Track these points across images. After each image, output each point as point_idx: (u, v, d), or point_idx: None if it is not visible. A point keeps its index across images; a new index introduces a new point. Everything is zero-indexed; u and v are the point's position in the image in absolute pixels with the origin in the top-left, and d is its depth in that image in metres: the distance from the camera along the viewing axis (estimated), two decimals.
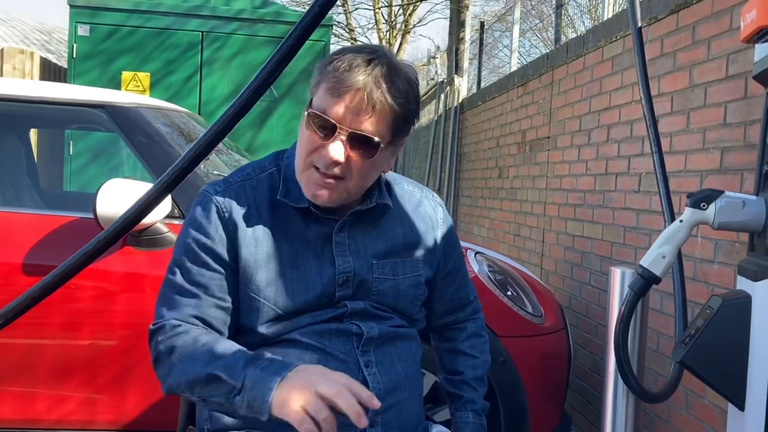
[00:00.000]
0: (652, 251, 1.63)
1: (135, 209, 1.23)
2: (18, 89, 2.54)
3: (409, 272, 1.34)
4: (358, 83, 1.16)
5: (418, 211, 1.40)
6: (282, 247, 1.25)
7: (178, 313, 1.20)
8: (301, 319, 1.24)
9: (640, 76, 1.94)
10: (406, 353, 1.32)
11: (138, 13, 5.74)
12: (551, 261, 3.94)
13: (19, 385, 2.24)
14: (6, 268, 2.24)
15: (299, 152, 1.24)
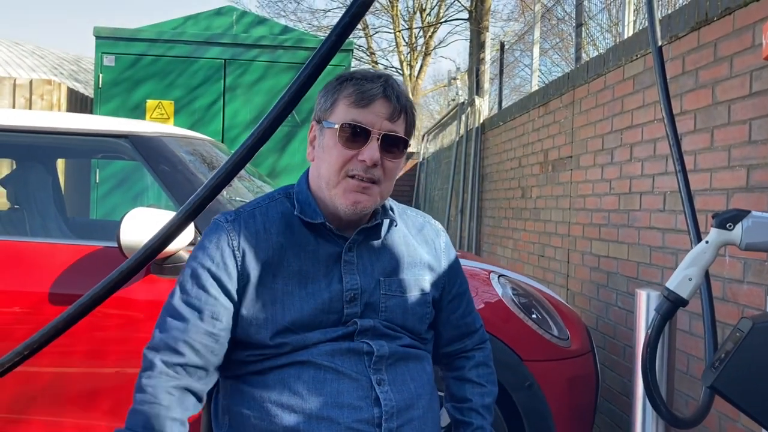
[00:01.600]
0: (678, 273, 1.60)
1: (158, 238, 1.24)
2: (44, 121, 2.59)
3: (416, 290, 1.38)
4: (382, 93, 1.29)
5: (421, 233, 1.46)
6: (292, 265, 1.29)
7: (166, 338, 1.25)
8: (311, 335, 1.27)
9: (662, 95, 1.92)
10: (418, 373, 1.34)
11: (161, 42, 5.85)
12: (577, 282, 3.89)
13: (45, 414, 2.25)
14: (34, 297, 2.26)
15: (328, 169, 1.30)
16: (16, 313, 2.27)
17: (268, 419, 1.24)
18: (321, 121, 1.33)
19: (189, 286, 1.28)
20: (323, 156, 1.31)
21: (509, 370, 2.37)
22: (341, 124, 1.27)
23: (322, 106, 1.33)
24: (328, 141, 1.30)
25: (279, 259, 1.29)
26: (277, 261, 1.29)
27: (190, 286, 1.28)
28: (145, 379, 1.23)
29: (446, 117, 9.23)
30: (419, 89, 22.27)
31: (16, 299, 2.28)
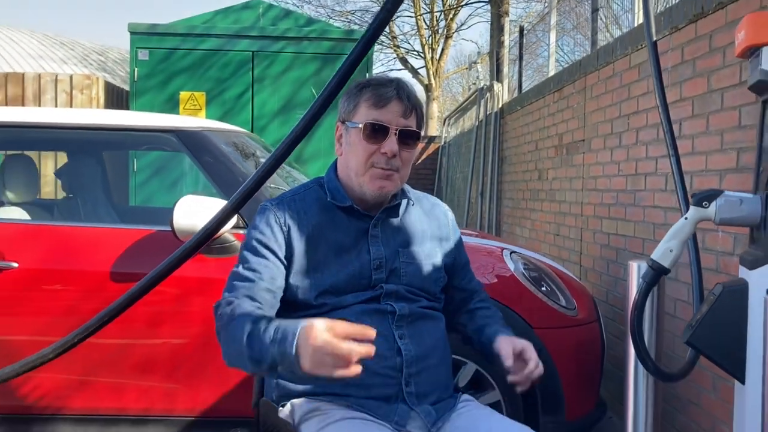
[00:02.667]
0: (661, 246, 1.84)
1: (213, 222, 1.51)
2: (100, 118, 2.88)
3: (430, 258, 1.66)
4: (395, 95, 1.56)
5: (432, 212, 1.74)
6: (329, 239, 1.57)
7: (234, 293, 1.50)
8: (346, 298, 1.54)
9: (657, 85, 2.15)
10: (433, 330, 1.62)
11: (192, 36, 6.13)
12: (589, 258, 4.12)
13: (111, 377, 2.56)
14: (98, 276, 2.56)
15: (355, 162, 1.58)
16: (82, 290, 2.57)
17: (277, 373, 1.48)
18: (345, 122, 1.60)
19: (248, 256, 1.54)
20: (350, 151, 1.58)
21: (520, 336, 2.61)
22: (364, 124, 1.54)
23: (345, 109, 1.61)
24: (353, 138, 1.57)
25: (317, 234, 1.57)
26: (316, 236, 1.57)
27: (249, 256, 1.54)
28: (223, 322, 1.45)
29: (466, 101, 9.42)
30: (441, 72, 22.36)
31: (81, 278, 2.58)
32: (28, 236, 2.66)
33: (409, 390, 1.53)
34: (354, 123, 1.57)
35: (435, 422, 1.53)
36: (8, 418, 2.59)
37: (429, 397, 1.56)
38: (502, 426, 1.52)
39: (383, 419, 1.49)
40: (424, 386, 1.55)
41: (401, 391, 1.53)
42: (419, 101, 1.61)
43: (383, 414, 1.50)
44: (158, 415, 2.58)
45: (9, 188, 3.02)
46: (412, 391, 1.53)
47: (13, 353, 2.48)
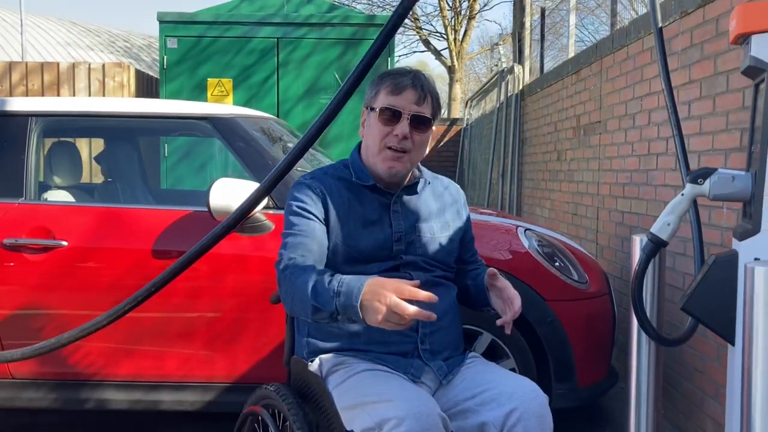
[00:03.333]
0: (659, 220, 1.99)
1: (247, 203, 1.69)
2: (138, 107, 3.08)
3: (444, 231, 1.84)
4: (411, 83, 1.73)
5: (447, 191, 1.92)
6: (356, 213, 1.75)
7: (290, 251, 1.68)
8: (370, 266, 1.72)
9: (662, 70, 2.28)
10: (445, 296, 1.79)
11: (218, 24, 6.31)
12: (605, 236, 4.26)
13: (154, 346, 2.77)
14: (140, 254, 2.76)
15: (373, 142, 1.76)
16: (125, 266, 2.78)
17: (337, 325, 1.70)
18: (368, 107, 1.79)
19: (295, 220, 1.72)
20: (369, 133, 1.78)
21: (533, 309, 2.78)
22: (380, 108, 1.73)
23: (368, 96, 1.79)
24: (372, 121, 1.76)
25: (346, 208, 1.76)
26: (346, 209, 1.75)
27: (296, 220, 1.72)
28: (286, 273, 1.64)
29: (488, 84, 9.51)
30: (464, 54, 22.33)
31: (125, 255, 2.78)
32: (74, 217, 2.87)
33: (423, 347, 1.73)
34: (374, 108, 1.76)
35: (446, 375, 1.73)
36: (61, 384, 2.82)
37: (441, 354, 1.75)
38: (503, 376, 1.70)
39: (401, 372, 1.68)
40: (437, 344, 1.75)
41: (417, 348, 1.72)
42: (435, 91, 1.78)
43: (401, 367, 1.69)
44: (197, 381, 2.79)
45: (55, 173, 3.24)
46: (426, 348, 1.73)
47: (64, 324, 2.70)
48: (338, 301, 1.50)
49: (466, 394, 1.65)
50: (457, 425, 1.61)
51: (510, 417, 1.54)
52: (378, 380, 1.61)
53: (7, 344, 2.76)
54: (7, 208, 2.83)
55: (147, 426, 3.17)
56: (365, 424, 1.50)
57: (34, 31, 15.26)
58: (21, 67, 6.37)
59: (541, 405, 1.59)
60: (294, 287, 1.60)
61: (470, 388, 1.66)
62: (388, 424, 1.44)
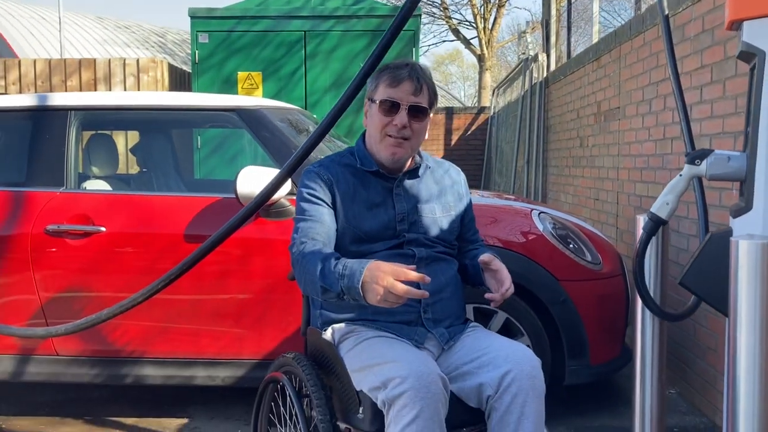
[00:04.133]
0: (659, 200, 2.08)
1: (268, 188, 1.83)
2: (170, 100, 3.26)
3: (444, 212, 1.97)
4: (407, 76, 1.86)
5: (448, 174, 2.05)
6: (362, 196, 1.89)
7: (301, 235, 1.83)
8: (376, 245, 1.86)
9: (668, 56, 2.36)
10: (446, 270, 1.93)
11: (247, 18, 6.47)
12: (624, 220, 4.33)
13: (187, 324, 2.95)
14: (172, 238, 2.94)
15: (374, 131, 1.91)
16: (159, 250, 2.96)
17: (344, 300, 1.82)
18: (370, 99, 1.92)
19: (305, 206, 1.88)
20: (371, 122, 1.92)
21: (546, 288, 2.90)
22: (380, 100, 1.86)
23: (369, 88, 1.93)
24: (373, 112, 1.90)
25: (352, 192, 1.89)
26: (352, 193, 1.89)
27: (306, 206, 1.88)
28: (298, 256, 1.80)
29: (513, 72, 9.55)
30: (494, 42, 22.25)
31: (159, 240, 2.96)
32: (112, 205, 3.06)
33: (426, 316, 1.86)
34: (374, 100, 1.89)
35: (447, 341, 1.86)
36: (102, 360, 3.02)
37: (443, 323, 1.88)
38: (499, 342, 1.82)
39: (405, 338, 1.82)
40: (439, 314, 1.88)
41: (420, 317, 1.86)
42: (431, 81, 1.90)
43: (405, 334, 1.83)
44: (228, 358, 2.97)
45: (94, 163, 3.43)
46: (429, 317, 1.87)
47: (103, 304, 2.88)
48: (342, 282, 1.65)
49: (465, 358, 1.78)
50: (458, 386, 1.75)
51: (505, 378, 1.67)
52: (383, 345, 1.75)
53: (52, 323, 2.96)
54: (50, 197, 3.03)
55: (181, 399, 3.36)
56: (372, 383, 1.65)
57: (71, 28, 15.67)
58: (60, 64, 6.63)
59: (534, 367, 1.71)
60: (305, 270, 1.75)
61: (469, 353, 1.79)
62: (393, 382, 1.59)
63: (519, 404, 1.66)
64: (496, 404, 1.68)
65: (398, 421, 1.57)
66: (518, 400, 1.66)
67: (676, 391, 3.43)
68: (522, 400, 1.67)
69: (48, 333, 2.21)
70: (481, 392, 1.70)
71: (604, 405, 3.28)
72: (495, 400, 1.68)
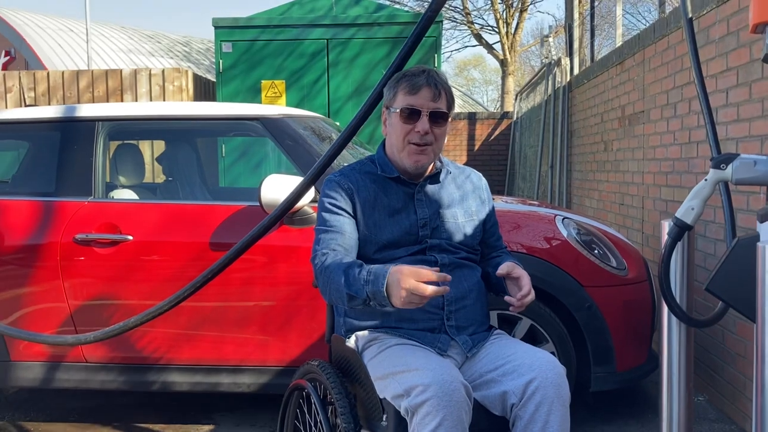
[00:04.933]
0: (684, 205, 2.06)
1: (291, 196, 1.84)
2: (195, 110, 3.30)
3: (466, 217, 1.97)
4: (425, 82, 1.86)
5: (469, 179, 2.05)
6: (383, 203, 1.90)
7: (322, 246, 1.85)
8: (397, 251, 1.87)
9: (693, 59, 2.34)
10: (469, 276, 1.93)
11: (270, 27, 6.54)
12: (650, 225, 4.29)
13: (213, 332, 2.98)
14: (198, 246, 2.97)
15: (396, 140, 1.91)
16: (186, 258, 2.99)
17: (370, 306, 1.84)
18: (388, 108, 1.93)
19: (326, 216, 1.89)
20: (392, 131, 1.92)
21: (571, 294, 2.88)
22: (401, 108, 1.87)
23: (387, 97, 1.93)
24: (393, 121, 1.90)
25: (373, 199, 1.90)
26: (372, 200, 1.90)
27: (327, 216, 1.89)
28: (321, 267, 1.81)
29: (536, 77, 9.51)
30: (517, 46, 22.17)
31: (185, 248, 3.00)
32: (139, 213, 3.10)
33: (450, 323, 1.86)
34: (394, 108, 1.89)
35: (471, 348, 1.86)
36: (129, 367, 3.06)
37: (467, 330, 1.88)
38: (523, 349, 1.81)
39: (428, 346, 1.82)
40: (462, 321, 1.88)
41: (443, 324, 1.86)
42: (448, 85, 1.91)
43: (428, 342, 1.84)
44: (253, 365, 2.99)
45: (121, 173, 3.48)
46: (452, 324, 1.87)
47: (130, 312, 2.93)
48: (368, 288, 1.67)
49: (490, 366, 1.78)
50: (481, 394, 1.74)
51: (529, 386, 1.67)
52: (406, 353, 1.76)
53: (81, 330, 3.00)
54: (78, 207, 3.09)
55: (207, 406, 3.39)
56: (395, 391, 1.65)
57: (98, 39, 15.93)
58: (87, 75, 6.74)
59: (558, 375, 1.69)
60: (330, 280, 1.77)
61: (493, 360, 1.79)
62: (416, 390, 1.60)
63: (544, 413, 1.65)
64: (521, 412, 1.67)
65: (421, 429, 1.57)
66: (543, 409, 1.66)
67: (704, 398, 3.38)
68: (547, 409, 1.66)
69: (78, 340, 2.25)
70: (505, 400, 1.70)
71: (631, 412, 3.25)
72: (519, 409, 1.68)
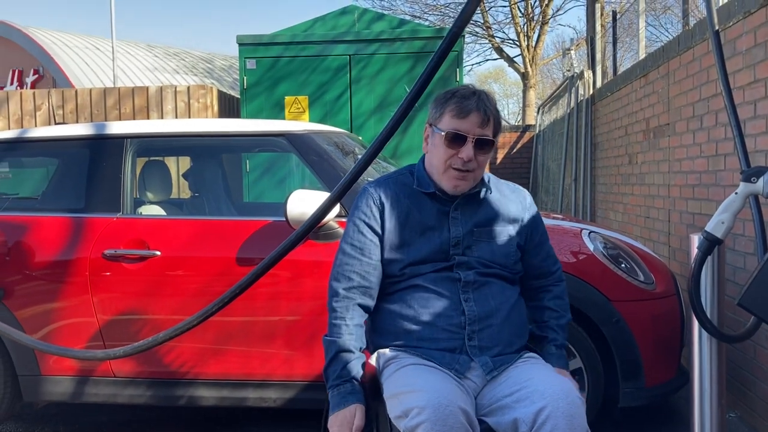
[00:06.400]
0: (714, 218, 2.05)
1: (319, 211, 1.85)
2: (221, 126, 3.34)
3: (502, 236, 1.93)
4: (475, 107, 1.83)
5: (512, 195, 2.01)
6: (415, 219, 1.88)
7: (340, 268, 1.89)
8: (424, 266, 1.85)
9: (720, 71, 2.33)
10: (498, 294, 1.88)
11: (294, 44, 6.60)
12: (677, 239, 4.24)
13: (239, 346, 2.99)
14: (224, 261, 3.00)
15: (437, 162, 1.88)
16: (213, 273, 3.01)
17: (392, 323, 1.87)
18: (432, 125, 1.90)
19: (351, 233, 1.90)
20: (434, 151, 1.89)
21: (599, 309, 2.85)
22: (446, 132, 1.83)
23: (433, 115, 1.90)
24: (437, 141, 1.87)
25: (406, 214, 1.88)
26: (405, 215, 1.88)
27: (351, 233, 1.90)
28: (333, 302, 1.88)
29: (559, 89, 9.49)
30: (538, 59, 22.13)
31: (212, 263, 3.02)
32: (166, 229, 3.14)
33: (472, 344, 1.81)
34: (438, 129, 1.86)
35: (491, 371, 1.80)
36: (157, 382, 3.08)
37: (491, 350, 1.82)
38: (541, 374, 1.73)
39: (446, 367, 1.78)
40: (486, 341, 1.82)
41: (464, 344, 1.81)
42: (496, 111, 1.87)
43: (446, 362, 1.79)
44: (279, 380, 3.00)
45: (148, 189, 3.53)
46: (474, 344, 1.82)
47: (159, 326, 2.96)
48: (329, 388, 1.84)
49: (506, 391, 1.71)
50: (495, 420, 1.69)
51: (540, 414, 1.59)
52: (415, 373, 1.72)
53: (109, 345, 3.04)
54: (107, 223, 3.13)
55: (232, 421, 3.40)
56: (396, 412, 1.66)
57: (123, 57, 16.17)
58: (114, 93, 6.85)
59: (571, 404, 1.60)
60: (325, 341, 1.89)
61: (511, 385, 1.72)
62: (412, 412, 1.58)
63: None
64: None
65: None
66: None
67: (736, 414, 3.32)
68: None
69: (107, 355, 2.27)
70: (516, 427, 1.63)
71: (661, 428, 3.20)
72: None
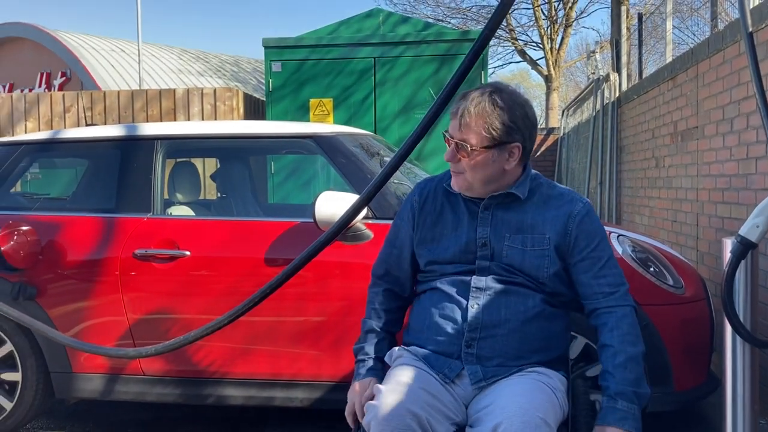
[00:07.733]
0: (748, 222, 2.03)
1: (348, 213, 1.87)
2: (250, 128, 3.37)
3: (537, 245, 1.83)
4: (456, 110, 1.82)
5: (558, 204, 1.87)
6: (447, 218, 1.92)
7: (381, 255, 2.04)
8: (447, 267, 1.88)
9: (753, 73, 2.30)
10: (514, 304, 1.81)
11: (319, 47, 6.63)
12: (705, 243, 4.19)
13: (267, 346, 3.01)
14: (253, 262, 3.02)
15: None
16: (241, 273, 3.04)
17: (411, 322, 1.96)
18: None
19: (392, 226, 2.02)
20: None
21: None
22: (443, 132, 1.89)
23: None
24: None
25: (439, 212, 1.94)
26: (438, 213, 1.93)
27: (392, 226, 2.02)
28: (369, 288, 2.06)
29: (584, 92, 9.43)
30: (561, 62, 22.02)
31: (240, 263, 3.05)
32: (196, 230, 3.17)
33: (469, 351, 1.79)
34: None
35: (479, 381, 1.77)
36: (184, 381, 3.11)
37: (490, 360, 1.78)
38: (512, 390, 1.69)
39: (435, 370, 1.80)
40: (487, 350, 1.78)
41: (461, 350, 1.80)
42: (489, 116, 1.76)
43: (437, 366, 1.81)
44: (306, 380, 3.01)
45: (178, 190, 3.57)
46: (472, 352, 1.78)
47: (188, 326, 2.99)
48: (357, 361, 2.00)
49: (485, 402, 1.71)
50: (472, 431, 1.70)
51: (496, 430, 1.59)
52: (395, 373, 1.79)
53: (139, 343, 3.08)
54: (138, 223, 3.17)
55: (258, 420, 3.42)
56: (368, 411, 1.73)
57: (149, 59, 16.36)
58: (142, 95, 6.93)
59: (525, 423, 1.56)
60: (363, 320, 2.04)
61: (491, 397, 1.71)
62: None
63: None
64: None
65: None
66: None
67: (767, 421, 3.28)
68: None
69: (138, 353, 2.30)
70: None
71: None
72: None
